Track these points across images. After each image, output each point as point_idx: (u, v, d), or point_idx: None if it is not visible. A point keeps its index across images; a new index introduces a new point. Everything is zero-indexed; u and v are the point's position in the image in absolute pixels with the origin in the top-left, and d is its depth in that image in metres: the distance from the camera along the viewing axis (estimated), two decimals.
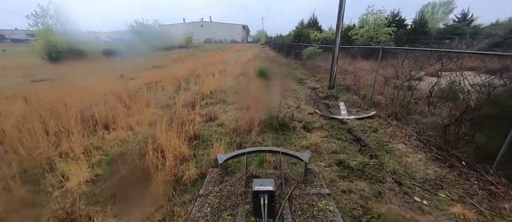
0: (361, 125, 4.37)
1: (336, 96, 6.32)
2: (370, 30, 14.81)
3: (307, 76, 10.50)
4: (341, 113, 5.06)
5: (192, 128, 4.13)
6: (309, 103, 6.00)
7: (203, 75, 10.83)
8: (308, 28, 18.19)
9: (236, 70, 11.48)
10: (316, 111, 5.17)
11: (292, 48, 16.84)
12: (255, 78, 9.07)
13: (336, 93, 6.60)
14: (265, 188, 1.09)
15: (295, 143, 3.76)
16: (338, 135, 4.02)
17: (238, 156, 1.70)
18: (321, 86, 7.81)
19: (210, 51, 32.34)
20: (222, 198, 1.34)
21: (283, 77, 10.14)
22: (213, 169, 1.71)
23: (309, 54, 12.50)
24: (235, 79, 9.56)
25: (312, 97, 6.62)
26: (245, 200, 1.30)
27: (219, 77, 10.15)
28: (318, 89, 7.42)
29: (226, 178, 1.56)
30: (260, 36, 70.93)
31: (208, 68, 12.77)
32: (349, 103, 5.77)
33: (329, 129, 4.31)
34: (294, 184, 1.47)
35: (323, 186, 1.48)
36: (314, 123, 4.55)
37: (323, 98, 6.36)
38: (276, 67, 13.70)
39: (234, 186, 1.46)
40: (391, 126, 4.17)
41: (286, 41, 22.69)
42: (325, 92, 6.92)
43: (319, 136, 3.96)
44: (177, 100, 6.04)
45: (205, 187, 1.48)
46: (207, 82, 8.71)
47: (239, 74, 10.79)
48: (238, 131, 4.12)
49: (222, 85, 8.39)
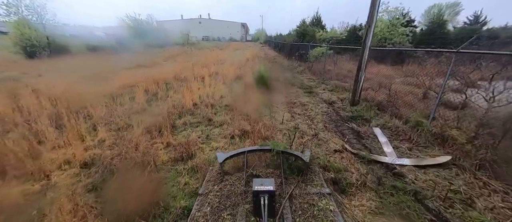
0: (429, 181, 2.59)
1: (366, 119, 4.52)
2: (384, 30, 13.07)
3: (317, 83, 8.70)
4: (385, 151, 3.28)
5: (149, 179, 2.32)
6: (330, 128, 4.20)
7: (191, 78, 8.99)
8: (313, 27, 16.40)
9: (231, 72, 9.63)
10: (345, 147, 3.37)
11: (295, 48, 15.06)
12: (253, 85, 7.27)
13: (365, 112, 4.81)
14: (265, 188, 1.06)
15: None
16: (400, 205, 2.24)
17: (238, 155, 1.76)
18: (339, 100, 6.01)
19: (206, 49, 30.45)
20: (222, 198, 1.36)
21: (287, 84, 8.33)
22: (212, 168, 1.80)
23: (317, 56, 10.72)
24: (229, 86, 7.72)
25: (331, 117, 4.82)
26: (245, 200, 1.30)
27: (209, 82, 8.30)
28: (336, 105, 5.62)
29: (225, 177, 1.60)
30: (259, 35, 69.10)
31: (199, 70, 10.90)
32: (389, 132, 3.98)
33: (376, 188, 2.52)
34: (295, 183, 1.51)
35: (323, 185, 1.57)
36: (349, 172, 2.75)
37: (348, 120, 4.57)
38: (278, 70, 11.88)
39: (234, 185, 1.49)
40: (494, 193, 2.37)
41: (288, 40, 20.89)
42: (347, 110, 5.12)
43: (365, 208, 2.17)
44: (140, 120, 4.18)
45: (204, 186, 1.54)
46: (193, 88, 6.86)
47: (234, 79, 8.94)
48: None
49: (212, 93, 6.55)
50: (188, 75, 9.41)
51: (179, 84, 7.90)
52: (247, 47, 34.92)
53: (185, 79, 8.98)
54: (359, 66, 4.94)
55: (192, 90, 6.77)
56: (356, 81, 5.11)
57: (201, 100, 5.96)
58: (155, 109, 5.07)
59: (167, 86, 7.63)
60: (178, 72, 10.17)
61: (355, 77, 5.12)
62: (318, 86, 8.12)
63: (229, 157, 1.63)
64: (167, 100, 5.93)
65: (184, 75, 9.53)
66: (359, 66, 4.96)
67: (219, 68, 11.65)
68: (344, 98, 5.99)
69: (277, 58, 19.84)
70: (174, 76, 9.34)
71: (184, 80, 8.89)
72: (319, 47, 10.81)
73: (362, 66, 4.89)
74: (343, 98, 6.00)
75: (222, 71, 10.76)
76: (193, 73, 9.86)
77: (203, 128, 4.25)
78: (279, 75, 9.73)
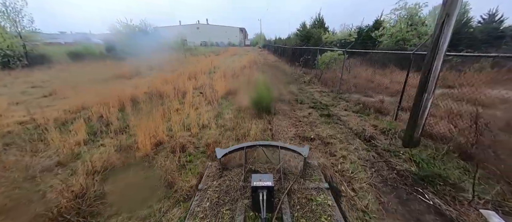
0: None
1: (454, 184, 2.48)
2: (404, 30, 11.15)
3: (332, 98, 6.66)
4: None
5: None
6: (391, 206, 2.18)
7: (171, 94, 6.99)
8: (319, 29, 14.49)
9: (221, 86, 7.63)
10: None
11: (299, 53, 13.13)
12: (249, 105, 5.24)
13: (443, 165, 2.78)
14: (264, 183, 1.10)
15: None
16: None
17: (237, 150, 1.69)
18: (379, 131, 3.96)
19: (201, 55, 28.69)
20: (221, 193, 1.34)
21: (294, 101, 6.28)
22: (212, 163, 1.72)
23: (327, 62, 8.75)
24: (217, 107, 5.70)
25: (381, 173, 2.78)
26: (244, 195, 1.30)
27: (192, 100, 6.28)
28: (379, 143, 3.56)
29: (225, 172, 1.58)
30: (258, 39, 67.70)
31: (184, 82, 8.92)
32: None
33: None
34: (293, 179, 1.47)
35: (322, 180, 1.49)
36: None
37: (416, 184, 2.54)
38: (280, 80, 9.88)
39: (233, 181, 1.46)
40: None
41: (289, 44, 19.03)
42: (403, 157, 3.08)
43: None
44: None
45: (204, 181, 1.48)
46: (166, 112, 4.84)
47: (224, 95, 6.92)
48: None
49: (190, 121, 4.52)
50: (168, 90, 7.42)
51: (151, 104, 5.88)
52: (246, 52, 33.12)
53: (162, 95, 6.98)
54: (424, 84, 2.92)
55: (162, 116, 4.75)
56: (415, 107, 3.08)
57: (170, 136, 3.94)
58: (76, 167, 3.00)
59: (134, 108, 5.61)
60: (159, 86, 8.19)
61: (415, 101, 3.10)
62: (336, 103, 6.09)
63: (228, 152, 1.58)
64: (115, 138, 3.88)
65: (164, 90, 7.55)
66: (422, 84, 2.94)
67: (210, 79, 9.68)
68: (385, 129, 3.94)
69: (278, 64, 17.88)
70: (149, 92, 7.34)
71: (162, 96, 6.89)
72: (329, 52, 8.85)
73: (430, 85, 2.88)
74: (384, 129, 3.95)
75: (212, 82, 8.76)
76: (175, 87, 7.87)
77: (154, 212, 2.19)
78: (282, 88, 7.73)
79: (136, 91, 7.20)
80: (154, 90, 7.49)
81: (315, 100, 6.42)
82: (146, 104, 5.74)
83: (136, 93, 7.01)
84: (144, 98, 6.26)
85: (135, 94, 6.77)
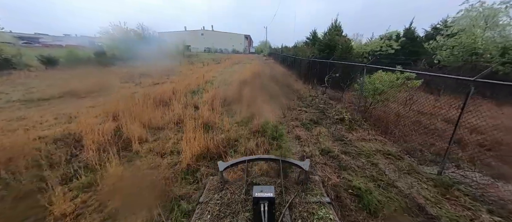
0: None
1: None
2: (478, 40, 7.61)
3: (437, 186, 3.02)
4: None
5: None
6: None
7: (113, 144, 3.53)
8: (343, 37, 11.04)
9: (197, 137, 4.07)
10: None
11: (317, 67, 9.67)
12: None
13: None
14: (265, 194, 1.09)
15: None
16: None
17: (239, 163, 1.76)
18: None
19: (199, 63, 25.50)
20: (222, 206, 1.36)
21: (350, 196, 2.69)
22: (213, 177, 1.74)
23: (381, 90, 5.20)
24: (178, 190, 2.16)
25: None
26: (245, 208, 1.31)
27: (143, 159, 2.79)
28: None
29: (226, 185, 1.59)
30: (263, 47, 64.93)
31: (150, 113, 5.47)
32: None
33: None
34: (295, 192, 1.49)
35: (323, 194, 1.51)
36: None
37: None
38: (297, 113, 6.29)
39: (234, 194, 1.48)
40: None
41: (302, 54, 15.58)
42: None
43: None
44: None
45: (205, 194, 1.50)
46: None
47: (194, 164, 3.33)
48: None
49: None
50: (88, 142, 3.95)
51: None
52: (250, 61, 29.85)
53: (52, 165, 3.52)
54: None
55: None
56: None
57: None
58: None
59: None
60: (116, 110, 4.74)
61: None
62: (443, 213, 2.47)
63: (230, 165, 1.63)
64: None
65: (106, 128, 4.07)
66: None
67: (190, 107, 6.17)
68: None
69: (288, 79, 14.24)
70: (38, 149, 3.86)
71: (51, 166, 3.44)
72: (383, 72, 5.34)
73: None
74: None
75: (186, 123, 5.20)
76: (127, 130, 4.39)
77: None
78: (307, 136, 4.14)
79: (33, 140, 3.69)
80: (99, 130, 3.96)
81: (404, 195, 2.75)
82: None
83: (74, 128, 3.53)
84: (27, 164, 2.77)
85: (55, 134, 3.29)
